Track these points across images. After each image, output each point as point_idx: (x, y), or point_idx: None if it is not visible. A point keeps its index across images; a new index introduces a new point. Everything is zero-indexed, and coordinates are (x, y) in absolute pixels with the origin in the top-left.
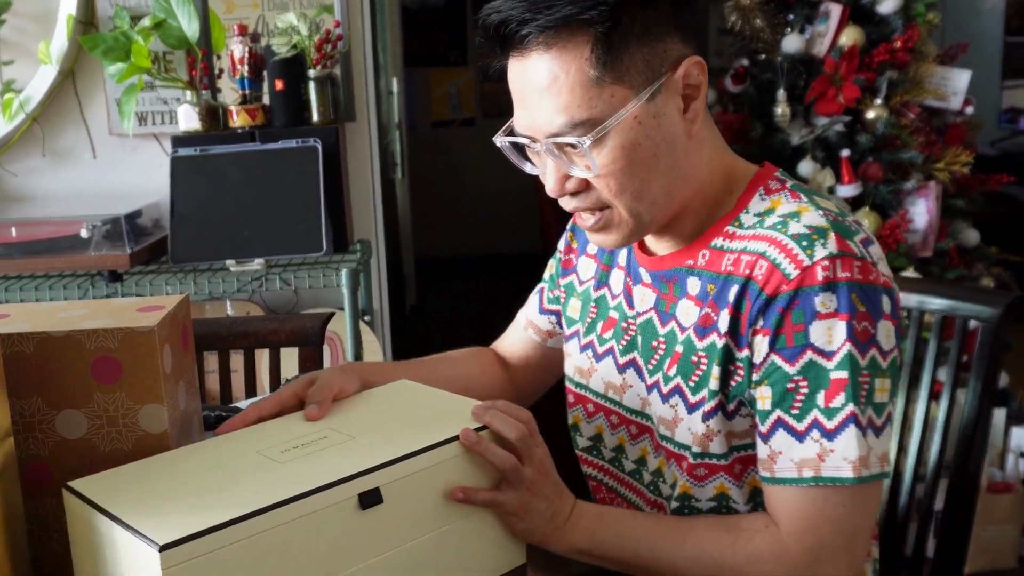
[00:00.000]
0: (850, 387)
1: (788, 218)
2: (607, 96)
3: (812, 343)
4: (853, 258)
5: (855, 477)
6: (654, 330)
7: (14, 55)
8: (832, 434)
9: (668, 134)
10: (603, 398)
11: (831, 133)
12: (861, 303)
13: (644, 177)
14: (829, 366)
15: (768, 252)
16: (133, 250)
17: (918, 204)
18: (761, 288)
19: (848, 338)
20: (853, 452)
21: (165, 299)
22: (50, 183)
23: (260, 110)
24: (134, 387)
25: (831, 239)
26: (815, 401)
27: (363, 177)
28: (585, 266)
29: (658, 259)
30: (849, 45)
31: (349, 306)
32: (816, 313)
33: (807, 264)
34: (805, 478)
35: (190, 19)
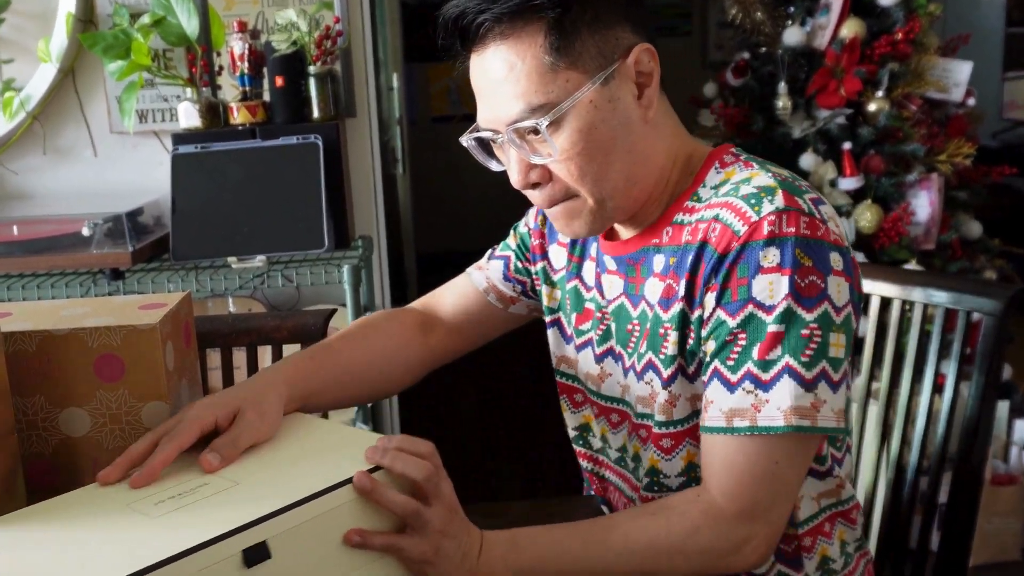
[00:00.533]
0: (788, 340)
1: (740, 183)
2: (562, 81)
3: (753, 296)
4: (800, 213)
5: (786, 425)
6: (628, 314)
7: (13, 53)
8: (767, 385)
9: (623, 118)
10: (586, 389)
11: (833, 126)
12: (807, 257)
13: (603, 160)
14: (767, 320)
15: (720, 214)
16: (135, 248)
17: (920, 196)
18: (714, 248)
19: (789, 292)
20: (787, 402)
21: (167, 297)
22: (51, 181)
23: (260, 107)
24: (137, 384)
25: (778, 196)
26: (750, 353)
27: (364, 173)
28: (557, 255)
29: (621, 243)
30: (850, 37)
31: (351, 303)
32: (759, 267)
33: (754, 220)
34: (738, 427)
35: (190, 16)
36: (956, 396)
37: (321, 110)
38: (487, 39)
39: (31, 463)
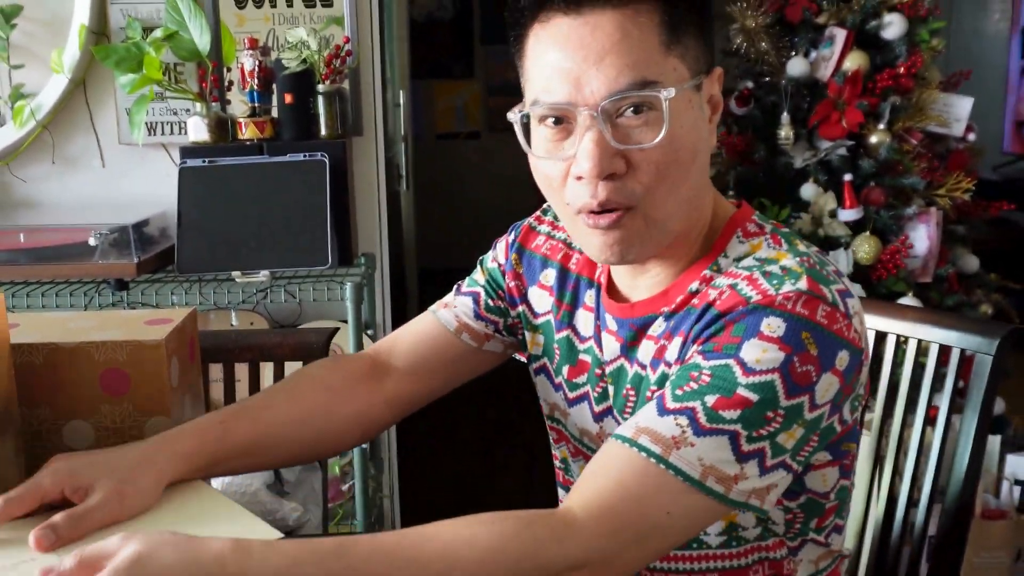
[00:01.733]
0: (749, 411)
1: (764, 262)
2: (671, 67)
3: (739, 355)
4: (822, 301)
5: (700, 481)
6: (624, 377)
7: (24, 59)
8: (703, 432)
9: (702, 133)
10: (580, 444)
11: (834, 157)
12: (814, 345)
13: (685, 169)
14: (742, 380)
15: (736, 284)
16: (140, 259)
17: (919, 229)
18: (717, 308)
19: (779, 369)
20: (709, 459)
21: (173, 312)
22: (58, 190)
23: (269, 123)
24: (141, 399)
25: (803, 279)
26: (704, 397)
27: (369, 191)
28: (539, 298)
29: (628, 307)
30: (853, 70)
31: (353, 320)
32: (759, 332)
33: (770, 293)
34: (646, 448)
35: (202, 32)
36: (948, 429)
37: (328, 128)
38: (599, 2)
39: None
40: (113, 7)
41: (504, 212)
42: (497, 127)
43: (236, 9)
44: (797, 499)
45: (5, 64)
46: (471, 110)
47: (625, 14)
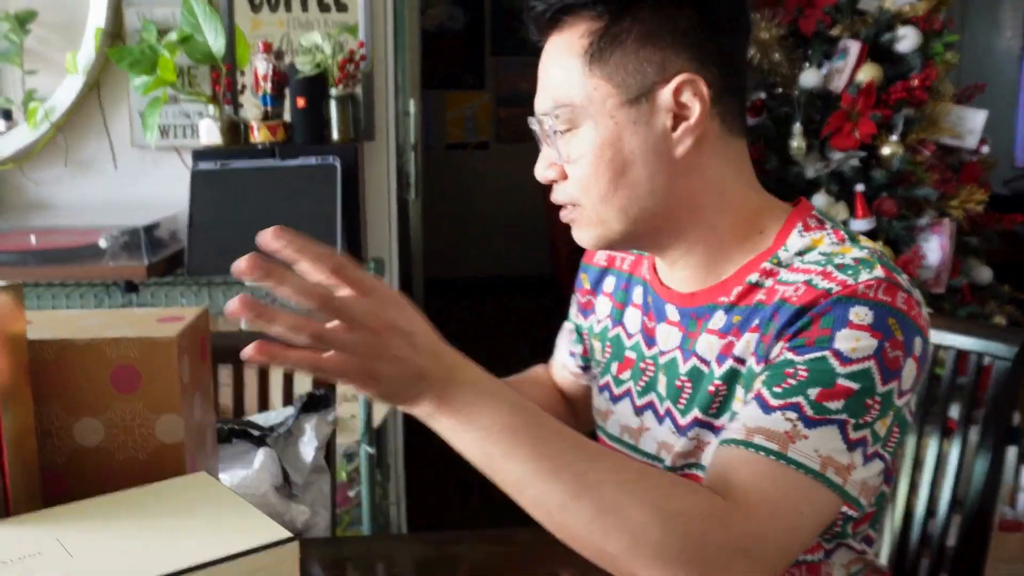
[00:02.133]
0: (853, 399)
1: (831, 256)
2: (591, 88)
3: (834, 346)
4: (900, 288)
5: (820, 472)
6: (676, 369)
7: (38, 65)
8: (813, 423)
9: (646, 145)
10: (618, 442)
11: (846, 168)
12: (899, 331)
13: (611, 181)
14: (841, 370)
15: (809, 279)
16: (150, 262)
17: (931, 241)
18: (795, 303)
19: (874, 356)
20: (825, 449)
21: (184, 310)
22: (71, 192)
23: (281, 127)
24: (152, 397)
25: (877, 268)
26: (806, 391)
27: (380, 196)
28: (602, 305)
29: (688, 296)
30: (866, 82)
31: None
32: (848, 322)
33: (851, 283)
34: (763, 446)
35: (216, 35)
36: (966, 440)
37: (341, 132)
38: (550, 29)
39: (44, 472)
40: (128, 9)
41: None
42: (506, 138)
43: (251, 13)
44: None
45: (19, 69)
46: (481, 120)
47: (560, 39)
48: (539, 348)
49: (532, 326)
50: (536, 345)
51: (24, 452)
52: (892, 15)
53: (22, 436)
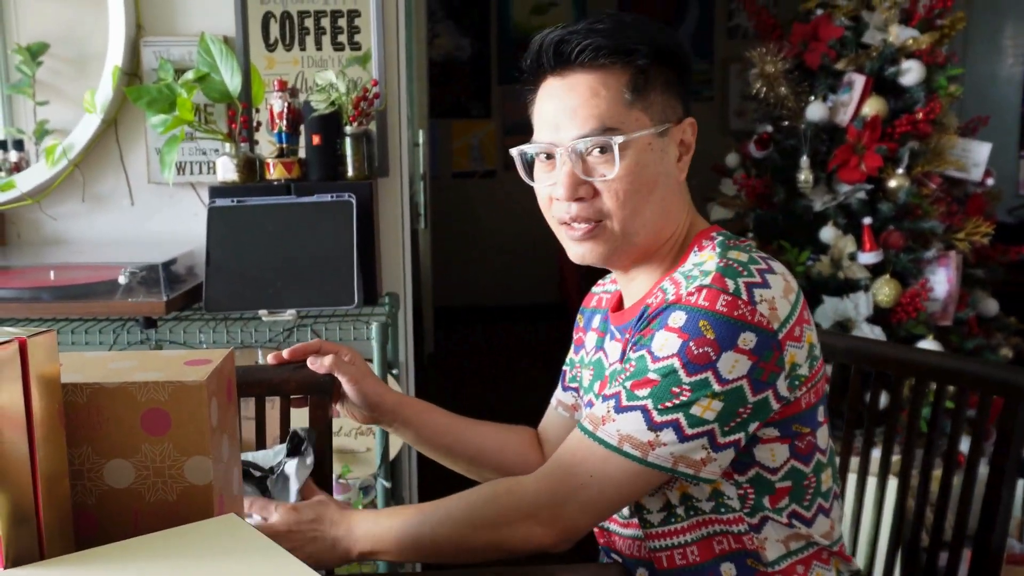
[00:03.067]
0: (656, 389)
1: (694, 266)
2: (633, 118)
3: (650, 346)
4: (722, 292)
5: (616, 447)
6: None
7: (49, 96)
8: (621, 410)
9: (666, 170)
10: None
11: (853, 200)
12: (711, 330)
13: (644, 196)
14: (650, 367)
15: (665, 286)
16: (168, 297)
17: (938, 273)
18: (650, 310)
19: (677, 354)
20: (626, 429)
21: (211, 353)
22: (88, 228)
23: (296, 164)
24: (182, 439)
25: (710, 276)
26: (625, 383)
27: (393, 230)
28: (590, 339)
29: (621, 313)
30: (872, 115)
31: (378, 359)
32: (665, 325)
33: (680, 291)
34: (583, 427)
35: (232, 74)
36: (975, 474)
37: (355, 169)
38: (577, 66)
39: (76, 512)
40: (146, 49)
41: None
42: (513, 166)
43: (266, 51)
44: (746, 473)
45: (30, 100)
46: (487, 149)
47: (597, 76)
48: (548, 374)
49: (541, 353)
50: (545, 371)
51: (57, 493)
52: (896, 49)
53: (56, 478)
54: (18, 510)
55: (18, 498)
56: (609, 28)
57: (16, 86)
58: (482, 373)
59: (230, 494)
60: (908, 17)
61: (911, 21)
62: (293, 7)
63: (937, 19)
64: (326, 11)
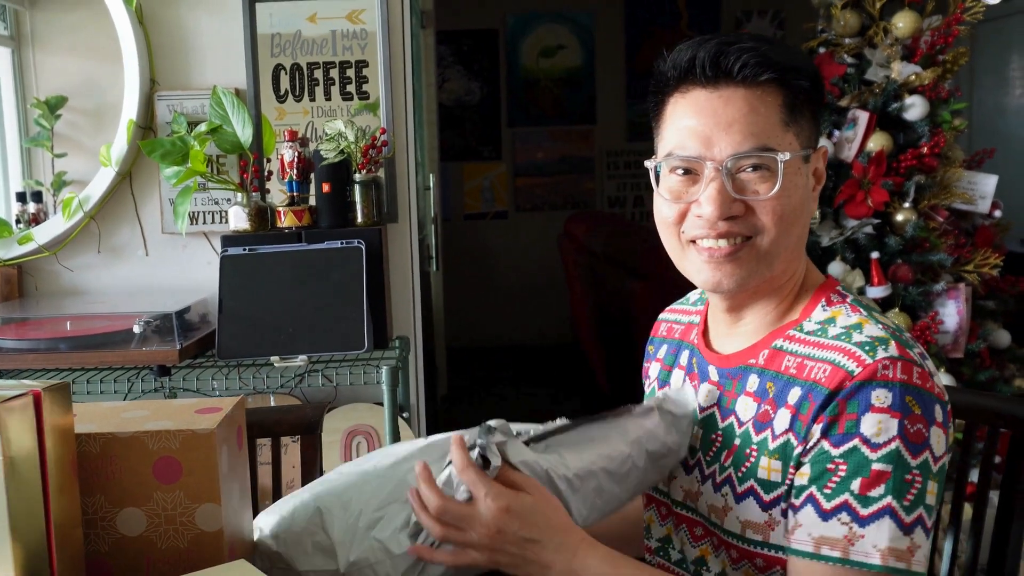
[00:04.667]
0: (892, 481)
1: (851, 329)
2: (788, 140)
3: (861, 432)
4: (913, 364)
5: (882, 565)
6: (715, 424)
7: (67, 148)
8: (865, 521)
9: (806, 198)
10: (655, 490)
11: (861, 235)
12: (916, 406)
13: (793, 220)
14: (872, 456)
15: (833, 357)
16: (182, 345)
17: (948, 306)
18: (824, 386)
19: (898, 435)
20: (883, 542)
21: (222, 401)
22: (104, 278)
23: (307, 211)
24: (193, 487)
25: (892, 346)
26: (849, 486)
27: (403, 274)
28: (653, 370)
29: (725, 357)
30: (877, 150)
31: (388, 402)
32: (870, 406)
33: (869, 362)
34: (828, 556)
35: (244, 125)
36: (985, 505)
37: (365, 215)
38: (733, 81)
39: (89, 560)
40: (160, 102)
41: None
42: (524, 207)
43: (276, 102)
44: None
45: (49, 153)
46: (498, 191)
47: (754, 93)
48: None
49: (554, 393)
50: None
51: (71, 541)
52: (899, 84)
53: (69, 526)
54: (32, 559)
55: (32, 547)
56: (768, 46)
57: (35, 139)
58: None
59: (240, 540)
60: (911, 53)
61: (914, 57)
62: (303, 59)
63: (939, 55)
64: (335, 62)
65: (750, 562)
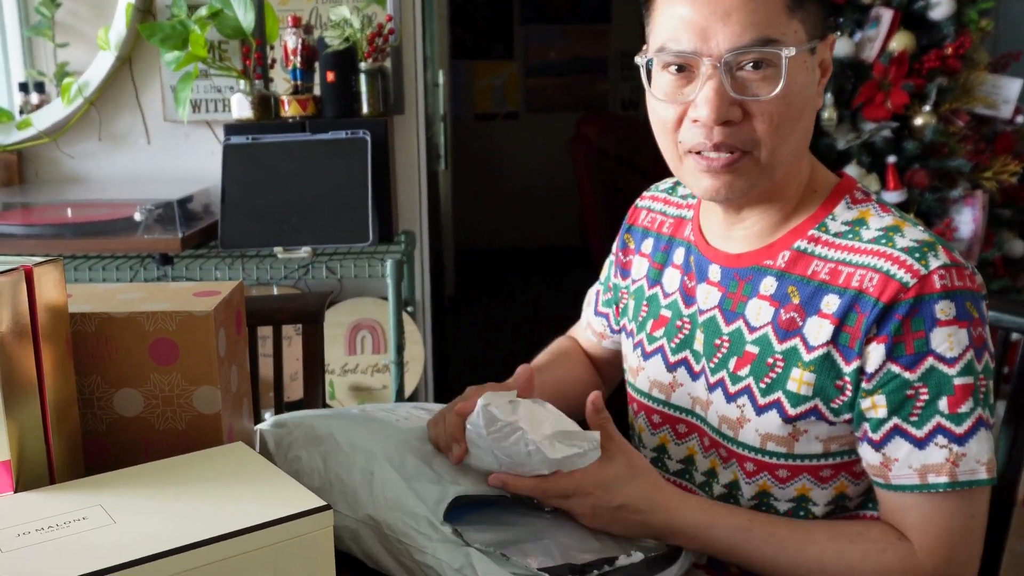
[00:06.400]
0: (976, 392)
1: (890, 232)
2: (793, 29)
3: (933, 349)
4: (964, 269)
5: (989, 478)
6: (717, 328)
7: (68, 38)
8: (963, 438)
9: (811, 93)
10: (647, 396)
11: (878, 139)
12: (975, 310)
13: (795, 123)
14: (951, 372)
15: (878, 264)
16: (184, 234)
17: (964, 213)
18: (876, 298)
19: (969, 345)
20: (985, 454)
21: (220, 284)
22: (105, 166)
23: (311, 101)
24: (190, 369)
25: (941, 251)
26: (937, 407)
27: (410, 169)
28: (638, 265)
29: (734, 256)
30: (899, 51)
31: (393, 296)
32: (936, 320)
33: (924, 273)
34: (935, 484)
35: (246, 10)
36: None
37: (370, 106)
38: None
39: (86, 440)
40: None
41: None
42: (535, 107)
43: None
44: None
45: (50, 42)
46: (510, 91)
47: None
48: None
49: (562, 296)
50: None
51: (67, 422)
52: None
53: (65, 406)
54: (27, 436)
55: (27, 425)
56: None
57: (36, 28)
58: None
59: (239, 424)
60: None
61: None
62: None
63: None
64: None
65: (770, 474)
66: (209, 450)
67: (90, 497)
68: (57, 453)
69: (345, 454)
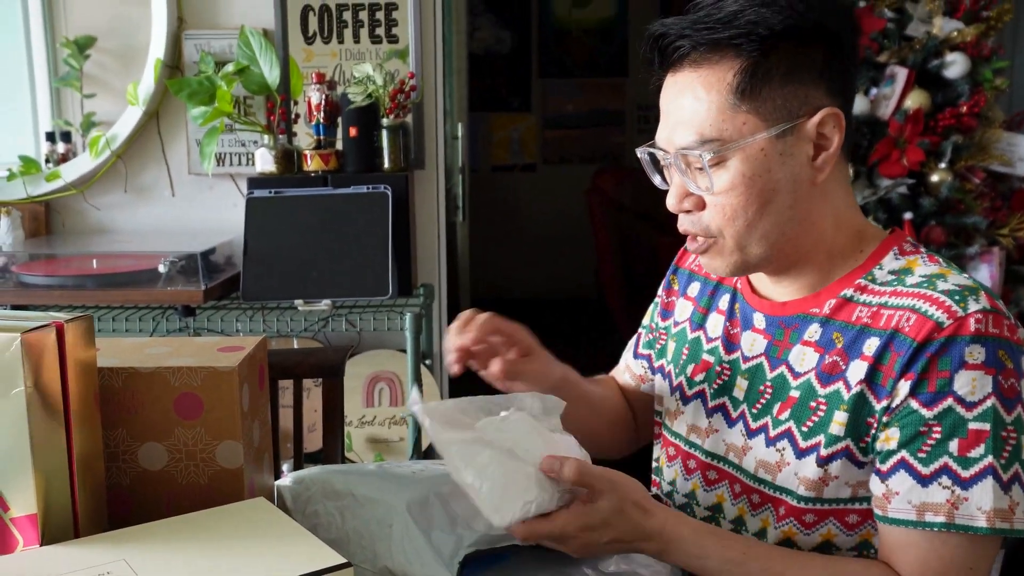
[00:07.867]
0: (991, 440)
1: (934, 278)
2: (739, 123)
3: (954, 391)
4: (1004, 317)
5: (989, 527)
6: (763, 375)
7: (95, 89)
8: (967, 483)
9: (791, 175)
10: (683, 440)
11: (894, 195)
12: (1009, 360)
13: (758, 210)
14: (968, 416)
15: (917, 306)
16: (207, 286)
17: (981, 269)
18: (912, 338)
19: (993, 392)
20: (988, 503)
21: (244, 340)
22: (130, 218)
23: (333, 155)
24: (213, 424)
25: (982, 297)
26: (947, 448)
27: (429, 222)
28: (682, 308)
29: (779, 304)
30: (914, 108)
31: (411, 349)
32: (963, 363)
33: (961, 315)
34: (931, 522)
35: (271, 66)
36: None
37: (392, 161)
38: (682, 64)
39: (110, 493)
40: (187, 42)
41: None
42: (553, 160)
43: (304, 44)
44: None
45: (78, 93)
46: (527, 143)
47: (700, 76)
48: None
49: (578, 347)
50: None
51: (92, 474)
52: (940, 41)
53: (91, 459)
54: (54, 490)
55: (54, 478)
56: (708, 17)
57: (64, 79)
58: None
59: (260, 479)
60: (953, 9)
61: (956, 13)
62: (332, 0)
63: (983, 11)
64: (364, 4)
65: (797, 519)
66: (231, 505)
67: (114, 551)
68: (82, 507)
69: (363, 507)
